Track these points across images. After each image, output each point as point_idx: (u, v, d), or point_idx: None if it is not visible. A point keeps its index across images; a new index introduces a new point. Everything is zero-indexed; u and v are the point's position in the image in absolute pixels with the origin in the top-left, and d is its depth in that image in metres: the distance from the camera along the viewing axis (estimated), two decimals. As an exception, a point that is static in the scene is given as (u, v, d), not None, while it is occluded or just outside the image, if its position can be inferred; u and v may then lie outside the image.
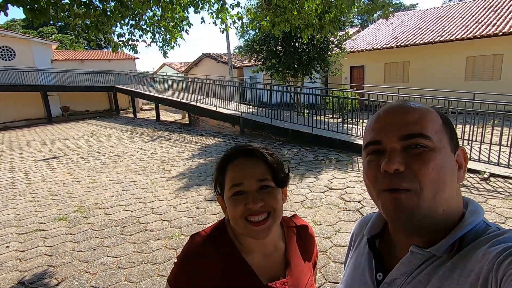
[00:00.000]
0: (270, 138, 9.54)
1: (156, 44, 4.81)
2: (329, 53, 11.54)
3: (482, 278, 0.45)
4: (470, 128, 6.26)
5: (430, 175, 0.52)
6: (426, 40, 12.72)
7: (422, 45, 12.81)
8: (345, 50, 12.24)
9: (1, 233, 4.04)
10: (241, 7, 4.74)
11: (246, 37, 12.08)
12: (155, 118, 16.51)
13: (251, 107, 11.18)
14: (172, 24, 4.51)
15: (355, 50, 14.52)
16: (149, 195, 5.16)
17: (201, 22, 5.14)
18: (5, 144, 11.78)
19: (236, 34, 12.50)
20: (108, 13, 3.62)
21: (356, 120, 8.91)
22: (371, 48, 14.15)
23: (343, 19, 9.67)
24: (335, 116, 9.68)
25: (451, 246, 0.53)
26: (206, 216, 4.17)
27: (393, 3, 35.88)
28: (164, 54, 4.94)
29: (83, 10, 3.49)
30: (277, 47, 11.47)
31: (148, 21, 4.46)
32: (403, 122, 0.55)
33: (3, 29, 20.32)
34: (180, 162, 7.27)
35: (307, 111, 9.53)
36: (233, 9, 4.70)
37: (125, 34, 4.47)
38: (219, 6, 4.60)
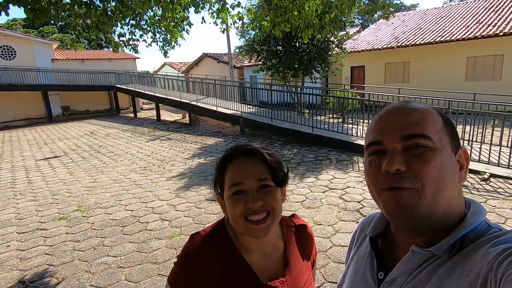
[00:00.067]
0: (271, 138, 9.54)
1: (157, 44, 4.82)
2: (330, 53, 11.54)
3: (482, 278, 0.46)
4: (471, 129, 6.25)
5: (431, 175, 0.52)
6: (427, 40, 12.72)
7: (423, 45, 12.79)
8: (346, 50, 12.24)
9: (2, 232, 4.04)
10: (242, 7, 4.76)
11: (247, 37, 12.11)
12: (156, 118, 16.51)
13: (252, 107, 11.18)
14: (173, 24, 4.51)
15: (356, 50, 14.51)
16: (149, 195, 5.17)
17: (202, 22, 5.13)
18: (6, 144, 11.78)
19: (237, 34, 12.53)
20: (109, 13, 3.62)
21: (357, 120, 8.92)
22: (372, 48, 14.14)
23: (344, 19, 9.67)
24: (336, 116, 9.67)
25: (452, 246, 0.53)
26: (206, 216, 4.18)
27: (394, 3, 35.87)
28: (165, 54, 4.94)
29: (84, 10, 3.49)
30: (278, 47, 11.48)
31: (149, 21, 4.47)
32: (404, 123, 0.55)
33: (4, 29, 20.30)
34: (181, 162, 7.28)
35: (308, 111, 9.53)
36: (234, 9, 4.71)
37: (126, 34, 4.49)
38: (220, 6, 4.60)
